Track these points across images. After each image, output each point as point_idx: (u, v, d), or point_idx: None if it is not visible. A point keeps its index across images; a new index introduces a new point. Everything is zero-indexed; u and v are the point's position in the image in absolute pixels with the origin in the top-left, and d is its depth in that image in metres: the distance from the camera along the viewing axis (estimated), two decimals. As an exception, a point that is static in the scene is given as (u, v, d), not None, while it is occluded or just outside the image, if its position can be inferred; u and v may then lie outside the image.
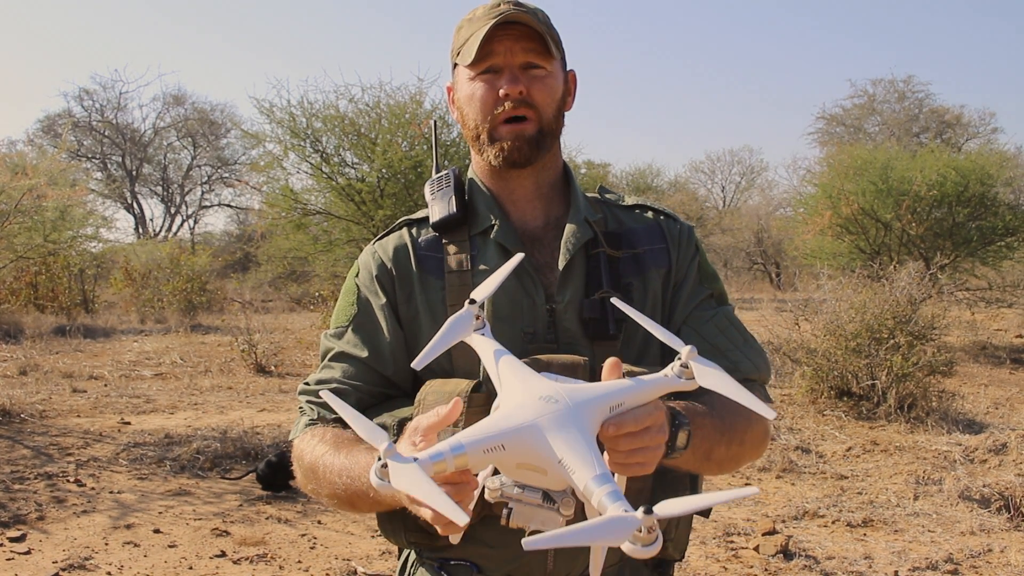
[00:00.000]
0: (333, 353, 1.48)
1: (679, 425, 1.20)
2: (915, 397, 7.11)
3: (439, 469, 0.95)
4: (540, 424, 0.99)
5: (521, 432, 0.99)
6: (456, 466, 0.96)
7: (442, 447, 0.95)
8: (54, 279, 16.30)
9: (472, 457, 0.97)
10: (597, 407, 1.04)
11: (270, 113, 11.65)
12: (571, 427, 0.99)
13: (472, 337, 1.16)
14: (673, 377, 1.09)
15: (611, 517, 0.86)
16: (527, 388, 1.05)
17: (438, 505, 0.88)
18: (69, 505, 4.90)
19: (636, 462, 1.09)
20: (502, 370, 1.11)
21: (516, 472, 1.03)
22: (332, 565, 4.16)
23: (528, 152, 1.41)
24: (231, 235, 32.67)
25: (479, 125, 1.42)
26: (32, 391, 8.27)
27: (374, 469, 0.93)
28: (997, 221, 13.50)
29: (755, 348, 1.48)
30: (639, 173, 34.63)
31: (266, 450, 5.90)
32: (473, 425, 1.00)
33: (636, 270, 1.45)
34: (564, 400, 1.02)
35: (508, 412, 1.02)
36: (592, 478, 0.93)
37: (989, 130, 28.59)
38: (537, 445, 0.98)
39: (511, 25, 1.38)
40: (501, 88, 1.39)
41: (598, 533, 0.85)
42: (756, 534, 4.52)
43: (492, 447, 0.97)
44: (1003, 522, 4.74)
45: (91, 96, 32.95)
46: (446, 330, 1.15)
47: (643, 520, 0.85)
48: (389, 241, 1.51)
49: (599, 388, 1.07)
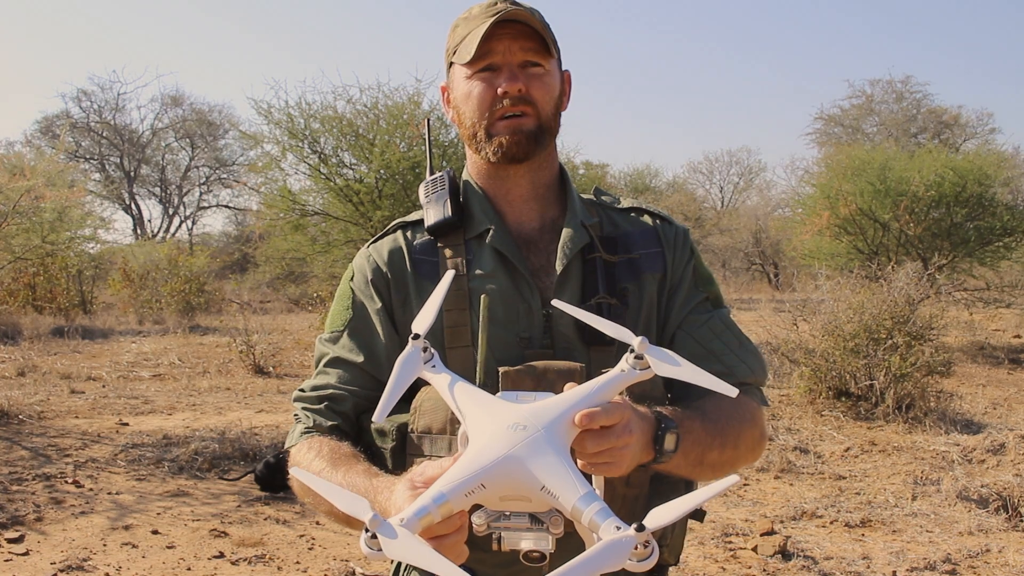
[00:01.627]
0: (328, 358, 1.48)
1: (666, 429, 1.20)
2: (913, 397, 7.12)
3: (426, 523, 0.97)
4: (515, 455, 1.00)
5: (497, 468, 1.00)
6: (441, 515, 0.98)
7: (424, 501, 0.97)
8: (52, 280, 16.28)
9: (455, 502, 0.98)
10: (564, 422, 1.05)
11: (268, 114, 11.64)
12: (546, 451, 1.00)
13: (424, 373, 1.16)
14: (629, 370, 1.09)
15: (608, 542, 0.88)
16: (493, 418, 1.06)
17: (436, 568, 0.89)
18: (67, 506, 4.89)
19: (604, 462, 1.09)
20: (461, 401, 1.11)
21: (501, 504, 1.05)
22: (330, 566, 4.16)
23: (527, 146, 1.40)
24: (229, 236, 32.68)
25: (476, 123, 1.41)
26: (30, 392, 8.26)
27: (364, 540, 0.95)
28: (995, 221, 13.50)
29: (751, 351, 1.48)
30: (637, 173, 34.65)
31: (264, 451, 5.90)
32: (449, 470, 1.01)
33: (632, 274, 1.45)
34: (532, 424, 1.03)
35: (480, 447, 1.02)
36: (578, 500, 0.95)
37: (987, 130, 28.61)
38: (516, 477, 1.00)
39: (510, 23, 1.37)
40: (500, 86, 1.38)
41: (601, 560, 0.87)
42: (754, 534, 4.52)
43: (472, 489, 0.99)
44: (1001, 522, 4.75)
45: (89, 97, 32.93)
46: (398, 373, 1.13)
47: (637, 537, 0.88)
48: (384, 244, 1.50)
49: (561, 401, 1.07)
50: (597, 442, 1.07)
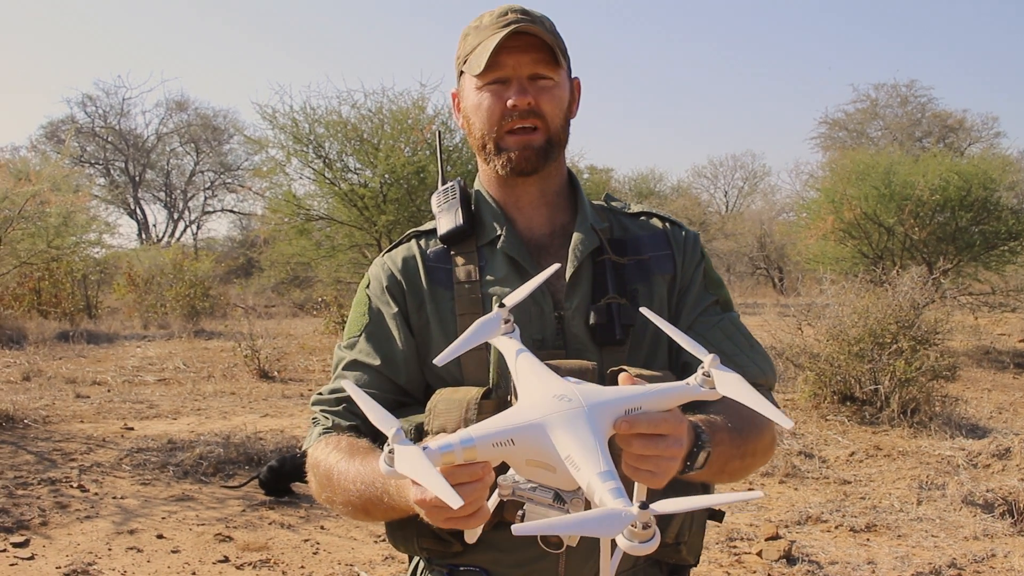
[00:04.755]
0: (346, 362, 1.49)
1: (701, 445, 1.19)
2: (918, 402, 7.10)
3: (448, 460, 0.96)
4: (550, 421, 1.00)
5: (531, 428, 1.00)
6: (465, 458, 0.97)
7: (452, 439, 0.97)
8: (57, 285, 16.31)
9: (481, 450, 0.98)
10: (611, 409, 1.04)
11: (273, 119, 11.69)
12: (581, 425, 0.99)
13: (499, 340, 1.18)
14: (695, 386, 1.09)
15: (606, 510, 0.87)
16: (543, 387, 1.06)
17: (435, 487, 0.89)
18: (72, 511, 4.90)
19: (647, 469, 1.07)
20: (521, 368, 1.12)
21: (526, 470, 1.04)
22: (335, 570, 4.16)
23: (536, 161, 1.42)
24: (234, 240, 32.73)
25: (486, 135, 1.43)
26: (35, 396, 8.28)
27: (383, 456, 0.95)
28: (1000, 225, 13.48)
29: (760, 353, 1.49)
30: (642, 178, 34.66)
31: (269, 455, 5.90)
32: (485, 420, 1.02)
33: (641, 276, 1.46)
34: (578, 399, 1.03)
35: (521, 408, 1.03)
36: (597, 474, 0.93)
37: (992, 134, 28.60)
38: (546, 441, 0.99)
39: (520, 35, 1.38)
40: (509, 99, 1.39)
41: (590, 524, 0.86)
42: (759, 539, 4.52)
43: (501, 441, 0.98)
44: (1006, 527, 4.73)
45: (94, 102, 33.09)
46: (474, 330, 1.16)
47: (638, 515, 0.85)
48: (398, 253, 1.52)
49: (616, 391, 1.07)
50: (646, 445, 1.05)
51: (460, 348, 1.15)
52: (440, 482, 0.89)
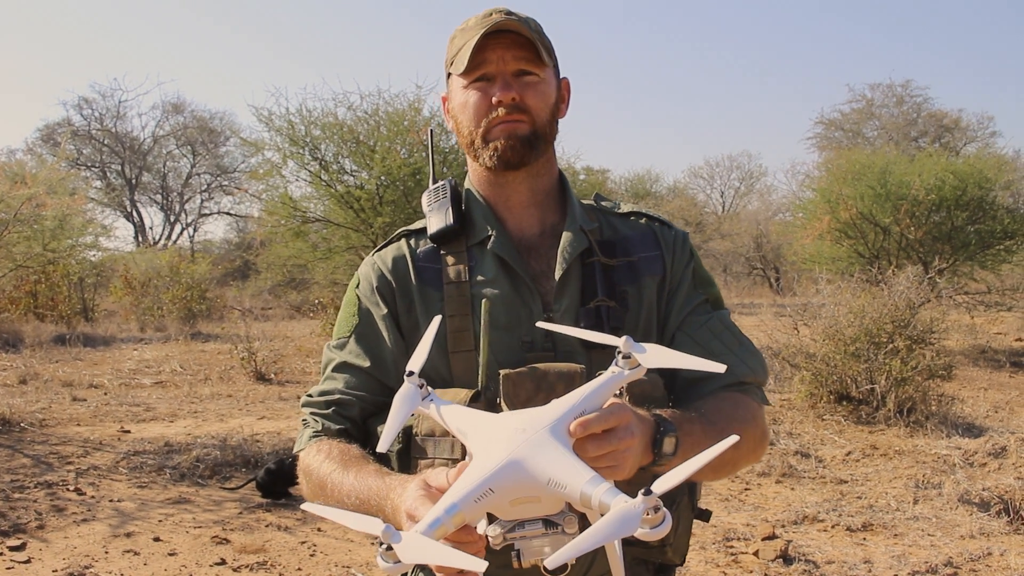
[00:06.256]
0: (335, 364, 1.49)
1: (664, 432, 1.21)
2: (914, 401, 7.12)
3: (440, 533, 0.98)
4: (518, 456, 1.01)
5: (506, 468, 1.01)
6: (455, 525, 0.98)
7: (437, 512, 0.98)
8: (53, 288, 16.29)
9: (467, 512, 0.99)
10: (565, 421, 1.06)
11: (269, 121, 11.66)
12: (550, 447, 1.02)
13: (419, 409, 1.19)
14: (620, 371, 1.12)
15: (617, 512, 0.88)
16: (494, 428, 1.08)
17: (455, 562, 0.90)
18: (69, 514, 4.90)
19: (608, 464, 1.09)
20: (458, 423, 1.13)
21: (512, 511, 1.05)
22: (332, 572, 4.17)
23: (522, 151, 1.42)
24: (230, 243, 32.69)
25: (473, 131, 1.44)
26: (32, 400, 8.27)
27: (379, 554, 0.95)
28: (996, 225, 13.50)
29: (750, 351, 1.49)
30: (638, 179, 34.68)
31: (266, 458, 5.90)
32: (457, 480, 1.02)
33: (631, 278, 1.46)
34: (534, 425, 1.05)
35: (484, 455, 1.04)
36: (585, 483, 0.95)
37: (987, 134, 28.61)
38: (522, 476, 1.01)
39: (503, 33, 1.39)
40: (494, 95, 1.40)
41: (611, 529, 0.87)
42: (756, 539, 4.52)
43: (482, 495, 1.00)
44: (1003, 525, 4.74)
45: (90, 105, 33.00)
46: (397, 409, 1.17)
47: (646, 502, 0.87)
48: (388, 252, 1.52)
49: (560, 405, 1.09)
50: (599, 445, 1.08)
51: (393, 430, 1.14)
52: (456, 555, 0.91)
